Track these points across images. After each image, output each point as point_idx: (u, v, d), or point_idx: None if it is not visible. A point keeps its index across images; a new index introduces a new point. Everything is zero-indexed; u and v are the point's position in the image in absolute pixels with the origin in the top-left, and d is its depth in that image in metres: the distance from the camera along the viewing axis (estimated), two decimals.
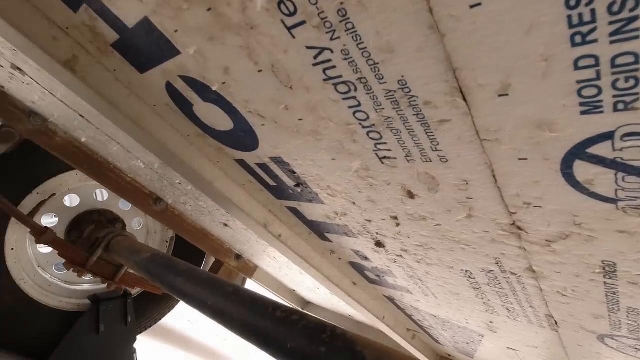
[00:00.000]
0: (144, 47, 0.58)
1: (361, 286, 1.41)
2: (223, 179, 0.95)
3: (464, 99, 0.40)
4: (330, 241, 1.07)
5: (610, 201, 0.43)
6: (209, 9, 0.45)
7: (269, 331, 0.67)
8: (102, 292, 1.82)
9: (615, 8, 0.26)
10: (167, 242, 2.13)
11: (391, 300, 1.39)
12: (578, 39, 0.29)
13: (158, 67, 0.61)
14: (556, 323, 0.84)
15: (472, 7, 0.31)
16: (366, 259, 1.06)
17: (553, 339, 0.96)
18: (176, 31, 0.51)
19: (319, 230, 1.02)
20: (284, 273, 2.05)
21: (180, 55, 0.56)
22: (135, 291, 1.99)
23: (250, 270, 2.29)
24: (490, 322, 1.07)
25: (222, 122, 0.70)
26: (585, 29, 0.29)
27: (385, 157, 0.57)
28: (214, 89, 0.60)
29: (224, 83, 0.58)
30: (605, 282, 0.59)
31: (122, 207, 1.90)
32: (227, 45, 0.49)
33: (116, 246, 1.57)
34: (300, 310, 0.93)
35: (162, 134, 0.81)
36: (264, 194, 0.96)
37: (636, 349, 0.76)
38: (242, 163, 0.84)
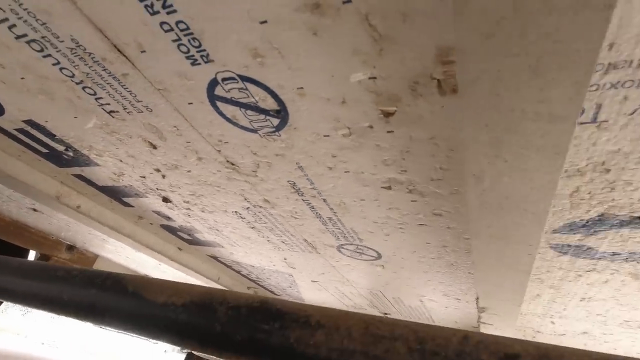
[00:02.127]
0: None
1: (187, 250, 1.51)
2: None
3: (124, 55, 0.53)
4: (131, 205, 1.13)
5: (253, 131, 0.62)
6: None
7: (48, 292, 0.72)
8: None
9: None
10: None
11: (215, 258, 1.53)
12: (150, 9, 0.44)
13: None
14: (312, 245, 1.10)
15: None
16: (169, 218, 1.16)
17: (323, 262, 1.23)
18: None
19: (114, 195, 1.08)
20: (124, 256, 2.00)
21: None
22: None
23: (90, 260, 2.16)
24: (285, 259, 1.30)
25: None
26: (157, 2, 0.43)
27: (112, 111, 0.67)
28: None
29: None
30: (303, 200, 0.82)
31: None
32: None
33: None
34: (88, 268, 0.98)
35: None
36: (44, 164, 0.96)
37: (358, 252, 1.06)
38: (1, 130, 0.84)
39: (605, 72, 0.38)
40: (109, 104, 0.65)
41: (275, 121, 0.58)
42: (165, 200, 1.01)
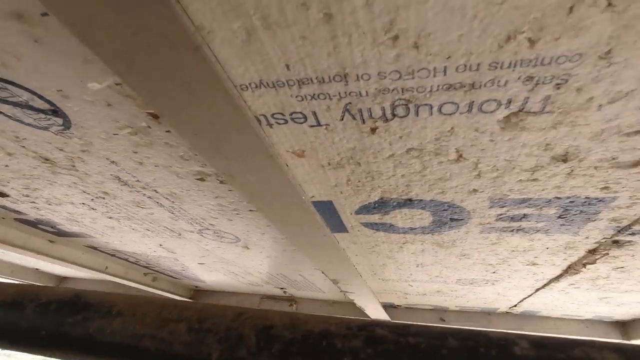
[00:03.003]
0: None
1: (61, 242, 1.44)
2: None
3: None
4: None
5: (44, 129, 0.61)
6: None
7: None
8: None
9: None
10: None
11: (95, 248, 1.48)
12: None
13: None
14: (175, 231, 1.12)
15: None
16: (19, 212, 1.10)
17: (196, 246, 1.26)
18: None
19: None
20: (0, 252, 1.85)
21: None
22: None
23: None
24: (161, 245, 1.31)
25: None
26: None
27: None
28: None
29: None
30: (137, 191, 0.83)
31: None
32: None
33: None
34: None
35: None
36: None
37: (218, 236, 1.10)
38: None
39: (300, 87, 0.45)
40: None
41: (59, 120, 0.58)
42: (2, 194, 0.96)
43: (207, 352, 0.43)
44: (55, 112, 0.56)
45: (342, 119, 0.49)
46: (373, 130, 0.51)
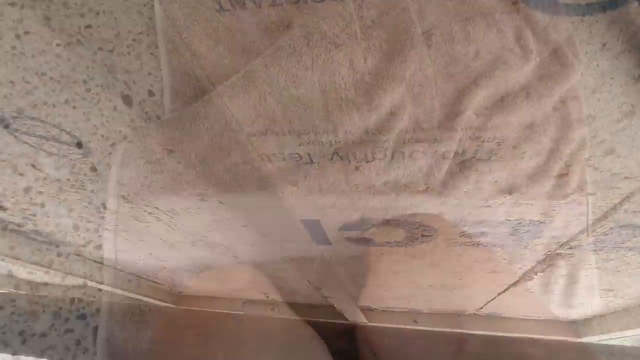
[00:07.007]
0: None
1: None
2: None
3: None
4: None
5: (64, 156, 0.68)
6: None
7: None
8: None
9: None
10: None
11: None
12: None
13: None
14: (167, 241, 1.19)
15: None
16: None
17: (177, 252, 1.33)
18: None
19: None
20: None
21: None
22: None
23: None
24: (151, 254, 1.37)
25: None
26: None
27: None
28: None
29: None
30: (130, 204, 0.90)
31: None
32: None
33: None
34: None
35: None
36: None
37: (209, 246, 1.18)
38: None
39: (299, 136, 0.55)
40: None
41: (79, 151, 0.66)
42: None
43: None
44: (79, 145, 0.63)
45: (332, 159, 0.59)
46: (357, 167, 0.61)
